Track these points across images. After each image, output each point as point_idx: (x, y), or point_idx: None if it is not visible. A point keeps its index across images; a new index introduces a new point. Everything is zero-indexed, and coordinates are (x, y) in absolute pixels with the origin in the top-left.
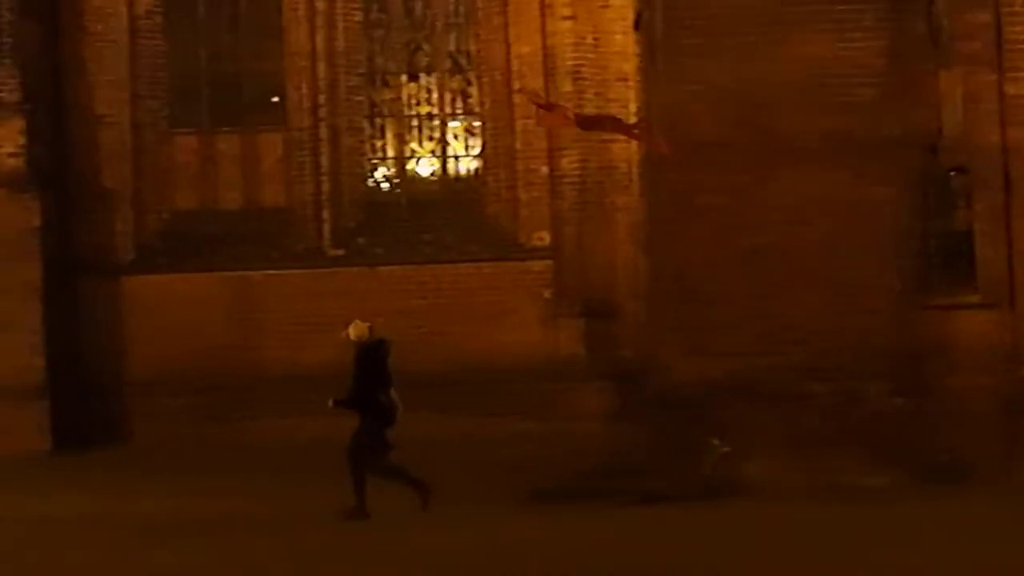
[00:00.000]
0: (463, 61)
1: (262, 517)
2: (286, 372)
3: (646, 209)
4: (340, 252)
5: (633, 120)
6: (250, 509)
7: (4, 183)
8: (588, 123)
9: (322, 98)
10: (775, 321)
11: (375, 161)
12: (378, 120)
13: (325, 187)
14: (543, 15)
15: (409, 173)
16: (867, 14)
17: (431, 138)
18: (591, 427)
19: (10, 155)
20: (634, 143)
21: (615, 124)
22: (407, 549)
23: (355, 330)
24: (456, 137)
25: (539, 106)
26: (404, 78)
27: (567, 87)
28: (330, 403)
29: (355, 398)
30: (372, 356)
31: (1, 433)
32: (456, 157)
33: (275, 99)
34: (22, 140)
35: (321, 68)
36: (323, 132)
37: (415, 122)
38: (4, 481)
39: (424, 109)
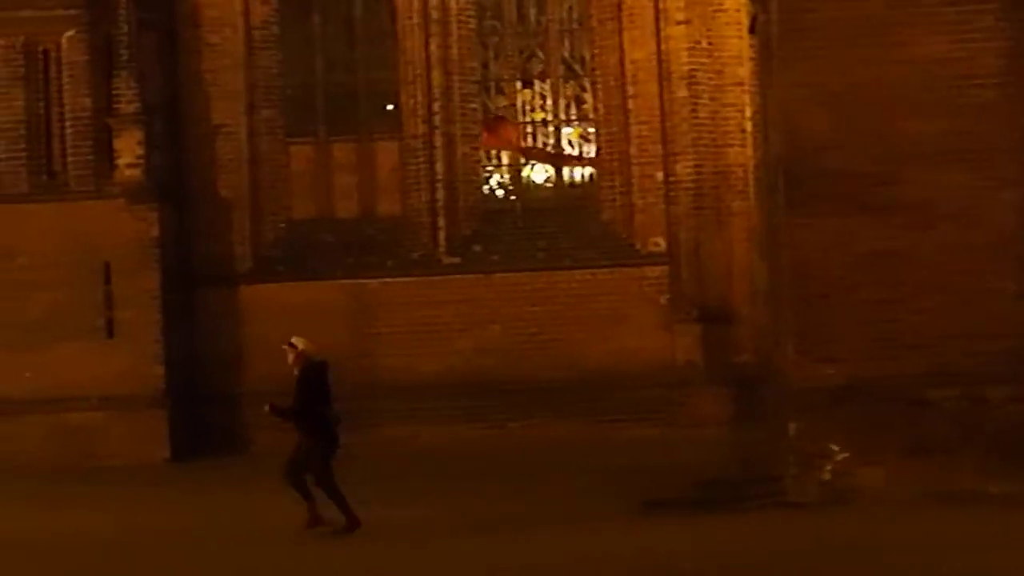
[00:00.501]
0: (577, 67)
1: (383, 524)
2: (402, 380)
3: (762, 213)
4: (456, 260)
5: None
6: (371, 516)
7: (123, 193)
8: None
9: (437, 106)
10: (896, 325)
11: (490, 168)
12: None
13: (440, 195)
14: (657, 20)
15: (524, 180)
16: (986, 15)
17: (546, 144)
18: (709, 433)
19: (129, 165)
20: (749, 147)
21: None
22: (528, 554)
23: (304, 346)
24: (571, 143)
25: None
26: (518, 85)
27: (682, 92)
28: (266, 408)
29: (300, 415)
30: (317, 374)
31: (121, 442)
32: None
33: (390, 107)
34: (140, 151)
35: (436, 76)
36: (438, 140)
37: (530, 129)
38: (125, 490)
39: (539, 115)
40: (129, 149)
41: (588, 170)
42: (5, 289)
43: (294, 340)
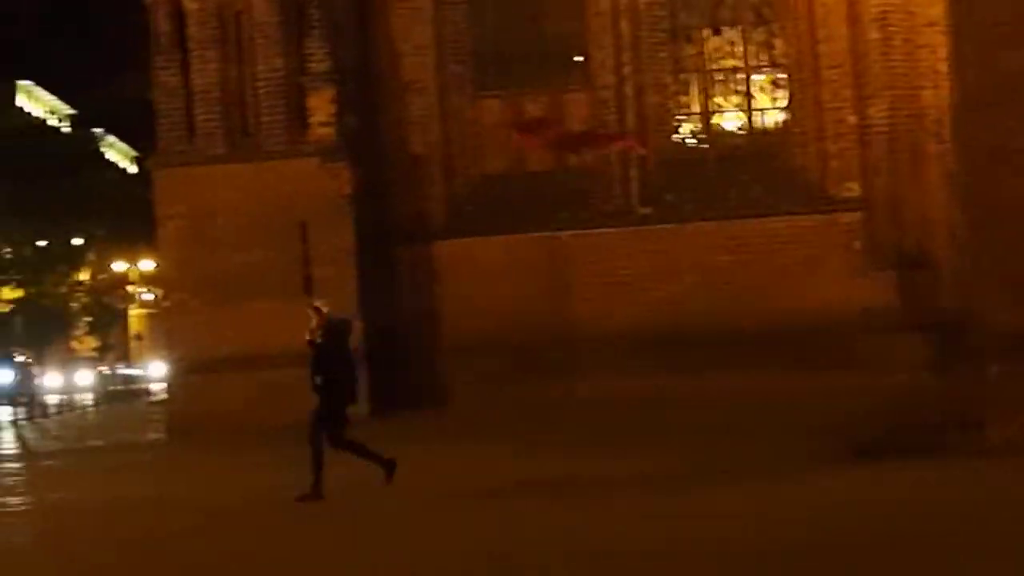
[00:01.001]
0: (766, 12)
1: (579, 477)
2: (597, 331)
3: (959, 157)
4: (648, 210)
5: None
6: (566, 469)
7: (316, 152)
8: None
9: (625, 56)
10: None
11: (680, 117)
12: (682, 76)
13: None
14: None
15: (714, 128)
16: None
17: (736, 92)
18: (906, 379)
19: (321, 124)
20: (944, 89)
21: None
22: (736, 505)
23: (329, 309)
24: (761, 90)
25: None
26: (707, 32)
27: (873, 34)
28: (317, 380)
29: (329, 374)
30: (338, 335)
31: None
32: (762, 110)
33: (579, 59)
34: (332, 109)
35: (624, 26)
36: (628, 90)
37: (720, 76)
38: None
39: (728, 63)
40: (322, 108)
41: (779, 116)
42: (205, 248)
43: (318, 303)
